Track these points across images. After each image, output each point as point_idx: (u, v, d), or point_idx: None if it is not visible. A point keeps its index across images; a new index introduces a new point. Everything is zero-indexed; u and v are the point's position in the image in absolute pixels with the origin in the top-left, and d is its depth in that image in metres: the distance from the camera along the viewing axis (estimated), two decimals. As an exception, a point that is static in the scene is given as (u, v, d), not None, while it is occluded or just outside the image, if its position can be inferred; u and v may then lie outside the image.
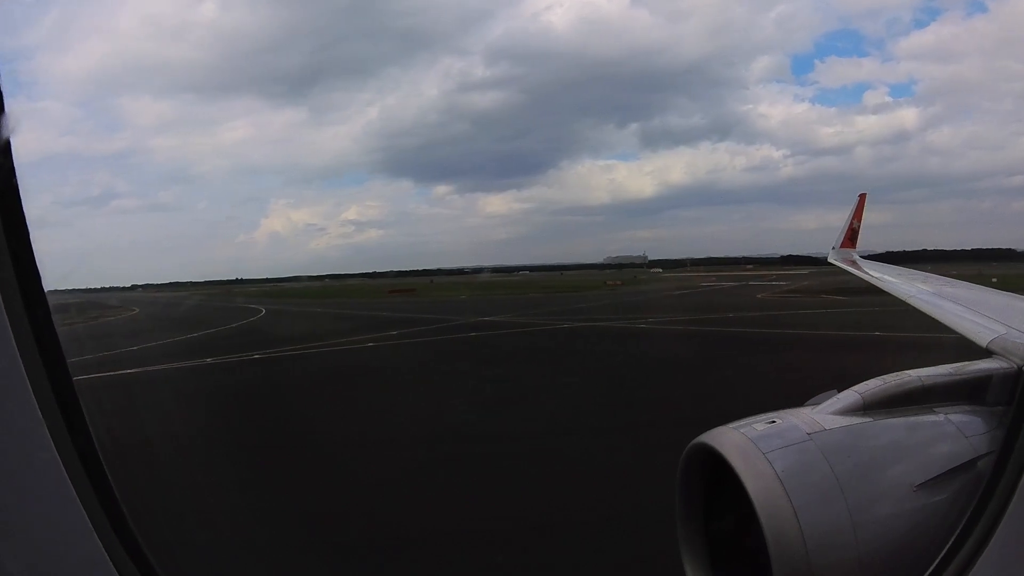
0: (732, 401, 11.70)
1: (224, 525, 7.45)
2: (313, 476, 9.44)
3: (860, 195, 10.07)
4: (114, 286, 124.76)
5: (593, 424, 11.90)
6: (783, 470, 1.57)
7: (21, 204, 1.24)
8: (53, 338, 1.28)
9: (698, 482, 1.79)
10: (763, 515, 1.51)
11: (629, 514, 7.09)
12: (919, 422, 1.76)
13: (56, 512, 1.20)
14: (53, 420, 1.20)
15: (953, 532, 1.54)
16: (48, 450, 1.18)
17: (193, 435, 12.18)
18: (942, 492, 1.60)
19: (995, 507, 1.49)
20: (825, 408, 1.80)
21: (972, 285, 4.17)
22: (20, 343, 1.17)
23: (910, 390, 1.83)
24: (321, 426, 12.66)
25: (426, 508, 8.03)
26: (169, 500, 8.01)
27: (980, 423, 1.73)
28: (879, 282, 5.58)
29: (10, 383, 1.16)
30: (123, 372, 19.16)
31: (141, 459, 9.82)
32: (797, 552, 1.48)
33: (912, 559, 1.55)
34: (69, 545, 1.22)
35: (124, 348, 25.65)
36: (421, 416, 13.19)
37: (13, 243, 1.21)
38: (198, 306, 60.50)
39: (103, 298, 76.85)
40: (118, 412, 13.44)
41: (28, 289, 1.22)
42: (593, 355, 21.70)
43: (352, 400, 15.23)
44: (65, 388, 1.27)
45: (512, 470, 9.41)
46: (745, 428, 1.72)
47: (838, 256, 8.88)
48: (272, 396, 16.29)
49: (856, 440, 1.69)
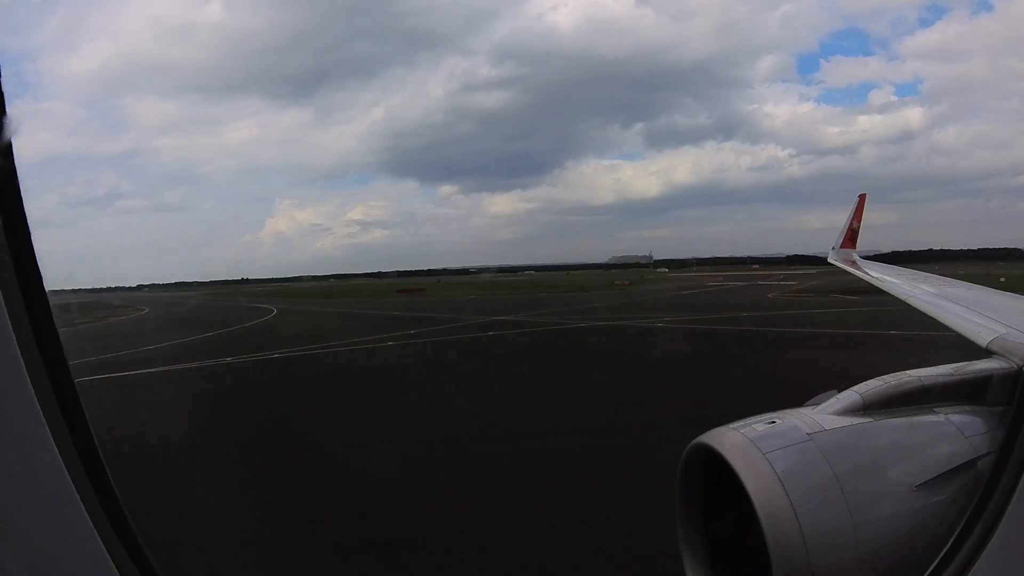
0: (774, 395, 11.61)
1: (282, 525, 7.57)
2: (397, 473, 9.47)
3: (860, 195, 10.06)
4: (119, 286, 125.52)
5: (645, 419, 11.79)
6: (783, 470, 1.57)
7: (23, 204, 1.23)
8: (54, 338, 1.28)
9: (698, 482, 1.80)
10: (763, 515, 1.52)
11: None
12: (919, 422, 1.76)
13: (57, 512, 1.20)
14: (54, 420, 1.20)
15: (953, 532, 1.54)
16: (49, 450, 1.18)
17: (247, 433, 12.33)
18: (942, 492, 1.60)
19: (995, 507, 1.49)
20: (825, 408, 1.80)
21: (972, 285, 4.16)
22: (21, 343, 1.17)
23: (910, 390, 1.84)
24: (373, 424, 12.71)
25: (538, 500, 8.10)
26: (214, 500, 8.15)
27: (980, 423, 1.73)
28: (879, 282, 5.56)
29: (11, 383, 1.15)
30: (144, 372, 19.33)
31: (178, 459, 9.96)
32: (797, 552, 1.49)
33: (912, 559, 1.56)
34: (70, 545, 1.22)
35: (140, 348, 25.81)
36: (473, 413, 13.26)
37: (14, 243, 1.21)
38: (207, 306, 60.89)
39: (109, 298, 77.20)
40: (148, 411, 13.52)
41: (29, 289, 1.22)
42: (618, 353, 21.68)
43: (392, 398, 15.22)
44: (66, 388, 1.27)
45: (592, 463, 9.45)
46: (745, 428, 1.72)
47: (838, 256, 8.86)
48: (308, 395, 16.24)
49: (856, 440, 1.69)
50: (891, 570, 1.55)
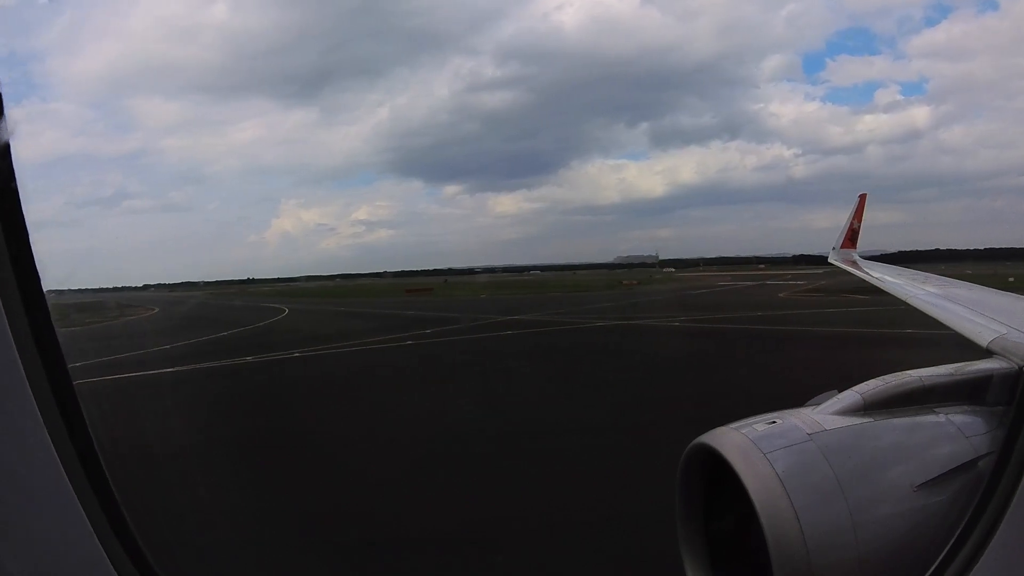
0: (828, 381, 11.58)
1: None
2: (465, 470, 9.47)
3: (860, 195, 10.07)
4: (126, 286, 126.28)
5: (690, 414, 11.54)
6: (784, 470, 1.57)
7: (20, 205, 1.23)
8: (52, 339, 1.27)
9: (698, 482, 1.80)
10: (764, 515, 1.51)
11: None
12: (919, 422, 1.75)
13: (56, 513, 1.20)
14: (52, 421, 1.20)
15: (953, 532, 1.53)
16: (47, 451, 1.18)
17: (292, 430, 12.34)
18: (942, 492, 1.59)
19: (996, 507, 1.49)
20: (826, 408, 1.80)
21: (972, 285, 4.14)
22: (19, 344, 1.17)
23: (910, 390, 1.83)
24: (414, 419, 12.69)
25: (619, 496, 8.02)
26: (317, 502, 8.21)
27: (980, 423, 1.72)
28: (879, 282, 5.53)
29: (9, 384, 1.15)
30: (167, 371, 19.33)
31: (239, 454, 9.94)
32: (798, 552, 1.49)
33: (912, 559, 1.55)
34: (69, 546, 1.22)
35: (156, 347, 25.81)
36: (515, 409, 13.28)
37: (13, 245, 1.20)
38: (218, 305, 61.12)
39: (118, 298, 77.40)
40: (177, 410, 13.52)
41: (28, 290, 1.22)
42: (640, 353, 21.58)
43: (426, 395, 15.17)
44: (64, 389, 1.27)
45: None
46: (746, 429, 1.72)
47: (838, 257, 8.85)
48: (339, 392, 16.18)
49: (857, 440, 1.69)
50: (891, 570, 1.55)
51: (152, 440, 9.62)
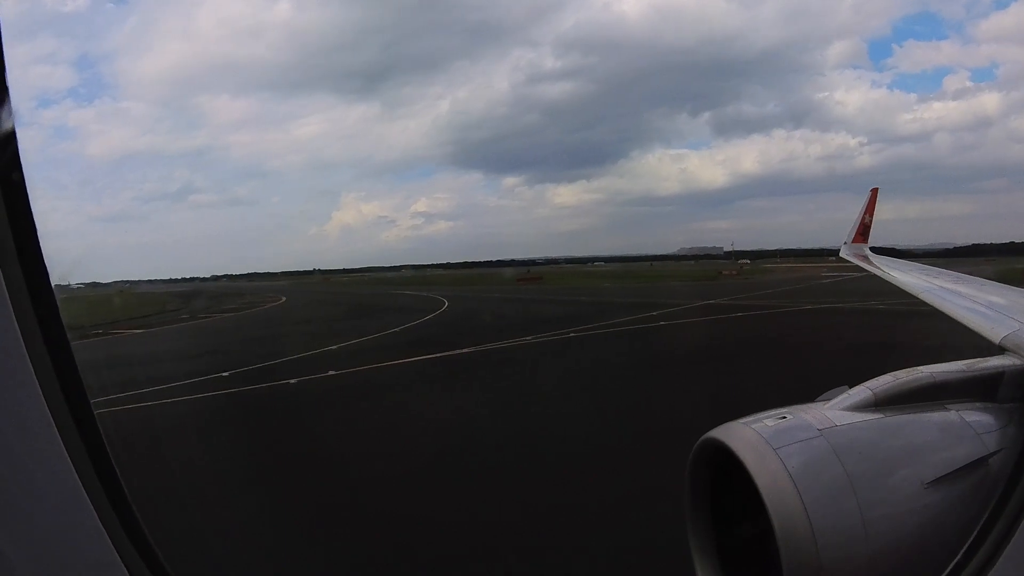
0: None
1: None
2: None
3: (872, 189, 9.99)
4: (195, 276, 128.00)
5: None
6: (794, 466, 1.57)
7: (28, 197, 1.21)
8: (61, 333, 1.26)
9: (708, 477, 1.81)
10: (773, 511, 1.52)
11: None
12: (931, 419, 1.75)
13: (67, 514, 1.19)
14: (63, 420, 1.19)
15: (964, 530, 1.54)
16: (58, 451, 1.17)
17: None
18: (954, 490, 1.60)
19: (1014, 507, 1.48)
20: (836, 404, 1.81)
21: (985, 281, 4.16)
22: (27, 340, 1.15)
23: (922, 386, 1.83)
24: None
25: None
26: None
27: (992, 420, 1.73)
28: (890, 278, 5.48)
29: (18, 382, 1.14)
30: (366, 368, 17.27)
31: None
32: (807, 548, 1.49)
33: (923, 557, 1.56)
34: (80, 547, 1.21)
35: (346, 341, 22.66)
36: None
37: (19, 237, 1.19)
38: (348, 293, 59.71)
39: (222, 287, 77.73)
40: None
41: (35, 284, 1.20)
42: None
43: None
44: (74, 386, 1.26)
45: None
46: (756, 424, 1.72)
47: (850, 251, 8.79)
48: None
49: (867, 436, 1.69)
50: (901, 567, 1.56)
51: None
